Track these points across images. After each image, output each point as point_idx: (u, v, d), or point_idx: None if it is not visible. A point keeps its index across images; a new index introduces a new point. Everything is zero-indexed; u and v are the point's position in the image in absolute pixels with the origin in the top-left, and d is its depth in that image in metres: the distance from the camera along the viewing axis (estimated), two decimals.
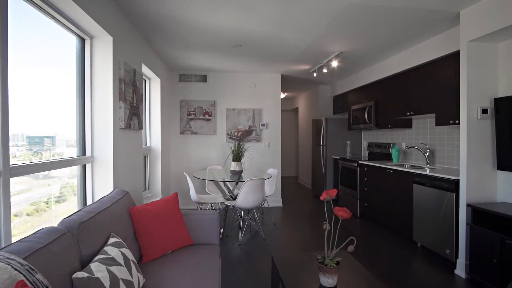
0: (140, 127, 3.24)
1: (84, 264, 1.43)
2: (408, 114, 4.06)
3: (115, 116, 2.57)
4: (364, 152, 6.01)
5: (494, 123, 2.76)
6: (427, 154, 3.99)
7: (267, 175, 4.15)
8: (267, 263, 3.03)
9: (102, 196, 2.20)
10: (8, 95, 1.46)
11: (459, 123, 3.04)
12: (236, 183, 4.17)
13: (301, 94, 8.27)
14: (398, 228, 3.87)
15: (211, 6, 2.71)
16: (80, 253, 1.45)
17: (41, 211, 1.97)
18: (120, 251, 1.55)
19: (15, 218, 1.69)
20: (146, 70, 3.86)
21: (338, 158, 5.64)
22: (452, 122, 3.26)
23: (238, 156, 4.18)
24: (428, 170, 3.48)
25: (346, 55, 4.26)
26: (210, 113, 5.48)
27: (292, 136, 9.70)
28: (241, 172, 4.19)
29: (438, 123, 3.50)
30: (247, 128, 5.58)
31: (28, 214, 1.85)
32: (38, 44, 1.96)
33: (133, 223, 2.10)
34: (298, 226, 4.36)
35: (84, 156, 2.40)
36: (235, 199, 3.98)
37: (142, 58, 3.47)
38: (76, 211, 1.65)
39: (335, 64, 4.39)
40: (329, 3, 2.64)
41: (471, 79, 2.77)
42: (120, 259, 1.49)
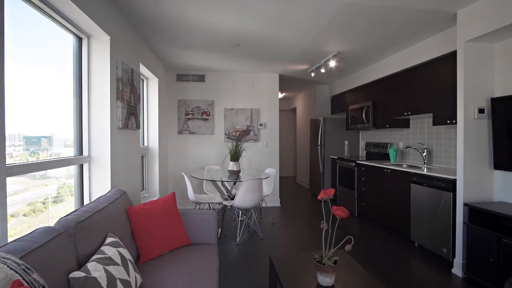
0: (137, 126, 3.23)
1: (81, 264, 1.43)
2: (405, 114, 4.07)
3: (113, 115, 2.57)
4: (362, 152, 6.02)
5: (490, 122, 2.78)
6: (425, 154, 4.01)
7: (265, 175, 4.16)
8: (265, 263, 3.04)
9: (99, 196, 2.19)
10: (4, 95, 1.45)
11: (456, 123, 3.06)
12: (234, 183, 4.17)
13: (299, 94, 8.28)
14: (396, 228, 3.88)
15: (209, 5, 2.71)
16: (77, 252, 1.44)
17: (38, 211, 1.96)
18: (117, 250, 1.54)
19: (12, 219, 1.68)
20: (143, 69, 3.85)
21: (336, 158, 5.65)
22: (449, 122, 3.27)
23: (236, 156, 4.17)
24: (425, 169, 3.50)
25: (344, 55, 4.27)
26: (208, 113, 5.47)
27: (290, 136, 9.70)
28: (239, 172, 4.18)
29: (435, 123, 3.52)
30: (245, 128, 5.58)
31: (25, 215, 1.84)
32: (35, 43, 1.95)
33: (130, 223, 2.09)
34: (296, 226, 4.37)
35: (81, 156, 2.39)
36: (233, 199, 3.98)
37: (139, 58, 3.46)
38: (73, 211, 1.65)
39: (333, 64, 4.40)
40: (327, 3, 2.64)
41: (468, 79, 2.78)
42: (118, 259, 1.49)
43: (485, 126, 2.81)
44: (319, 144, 6.14)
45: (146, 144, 4.40)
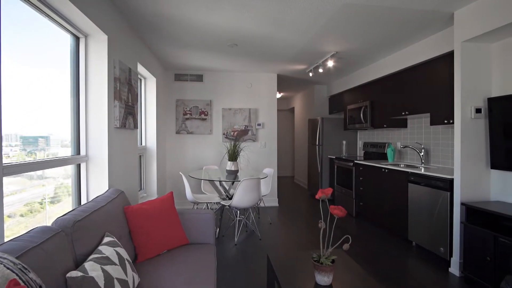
0: (135, 126, 3.22)
1: (78, 264, 1.42)
2: (403, 113, 4.08)
3: (110, 115, 2.56)
4: (360, 152, 6.03)
5: (487, 122, 2.79)
6: (422, 154, 4.02)
7: (263, 175, 4.16)
8: (263, 262, 3.04)
9: (96, 196, 2.18)
10: (1, 94, 1.44)
11: (453, 123, 3.07)
12: (232, 183, 4.17)
13: (297, 94, 8.29)
14: (393, 227, 3.90)
15: (208, 5, 2.70)
16: (74, 252, 1.44)
17: (35, 212, 1.95)
18: (115, 250, 1.54)
19: (8, 219, 1.67)
20: (141, 69, 3.84)
21: (334, 157, 5.66)
22: (446, 121, 3.29)
23: (234, 156, 4.17)
24: (423, 169, 3.51)
25: (342, 55, 4.28)
26: (206, 112, 5.47)
27: (288, 136, 9.71)
28: (237, 171, 4.18)
29: (432, 123, 3.53)
30: (243, 128, 5.58)
31: (21, 215, 1.83)
32: (32, 42, 1.94)
33: (128, 223, 2.08)
34: (294, 226, 4.37)
35: (78, 156, 2.38)
36: (231, 198, 3.98)
37: (137, 57, 3.45)
38: (70, 210, 1.64)
39: (331, 64, 4.40)
40: (325, 3, 2.65)
41: (465, 79, 2.80)
42: (115, 258, 1.48)
43: (482, 125, 2.82)
44: (317, 144, 6.15)
45: (144, 144, 4.39)
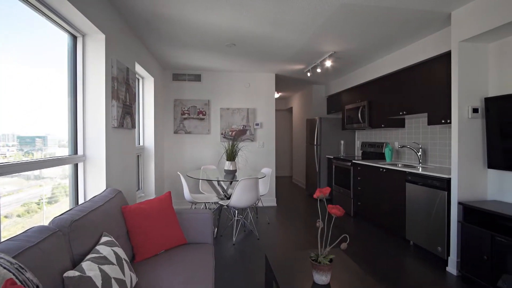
0: (133, 126, 3.21)
1: (75, 263, 1.42)
2: (401, 113, 4.09)
3: (108, 114, 2.55)
4: (358, 152, 6.05)
5: (484, 122, 2.80)
6: (420, 153, 4.04)
7: (261, 175, 4.16)
8: (261, 262, 3.04)
9: (94, 195, 2.17)
10: None
11: (450, 123, 3.08)
12: (230, 183, 4.16)
13: (295, 94, 8.29)
14: (391, 227, 3.91)
15: (206, 4, 2.70)
16: (71, 252, 1.43)
17: (32, 212, 1.94)
18: (112, 250, 1.54)
19: (5, 220, 1.66)
20: (139, 68, 3.83)
21: (332, 157, 5.67)
22: (443, 121, 3.30)
23: (232, 156, 4.17)
24: (420, 169, 3.52)
25: (340, 55, 4.29)
26: (204, 112, 5.46)
27: (286, 135, 9.71)
28: (235, 171, 4.18)
29: (430, 123, 3.54)
30: (241, 128, 5.58)
31: (18, 215, 1.82)
32: (29, 42, 1.93)
33: (125, 222, 2.08)
34: (292, 225, 4.38)
35: (76, 155, 2.37)
36: (229, 198, 3.97)
37: (135, 57, 3.44)
38: (67, 210, 1.63)
39: (329, 63, 4.41)
40: (323, 2, 2.65)
41: (462, 79, 2.81)
42: (113, 258, 1.48)
43: (479, 125, 2.84)
44: (315, 143, 6.16)
45: (141, 143, 4.38)
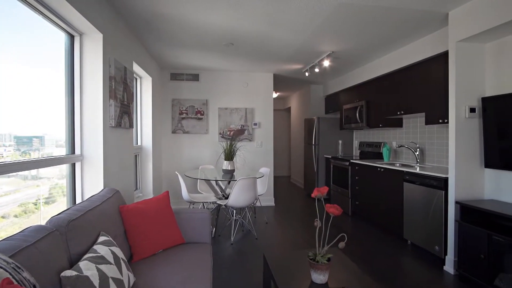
0: (131, 125, 3.20)
1: (73, 263, 1.41)
2: (398, 113, 4.11)
3: (105, 114, 2.54)
4: (356, 151, 6.06)
5: (481, 122, 2.82)
6: (417, 153, 4.05)
7: (259, 174, 4.16)
8: (259, 262, 3.04)
9: (91, 195, 2.16)
10: None
11: (448, 122, 3.09)
12: (228, 182, 4.16)
13: (293, 94, 8.30)
14: (389, 226, 3.92)
15: (205, 4, 2.70)
16: (68, 251, 1.42)
17: (29, 212, 1.93)
18: (110, 249, 1.53)
19: (2, 220, 1.66)
20: (137, 68, 3.82)
21: (330, 157, 5.68)
22: (441, 121, 3.31)
23: (230, 155, 4.17)
24: (418, 168, 3.53)
25: (338, 54, 4.29)
26: (202, 112, 5.45)
27: (285, 135, 9.72)
28: (233, 171, 4.18)
29: (427, 122, 3.56)
30: (240, 127, 5.58)
31: (16, 216, 1.81)
32: (25, 41, 1.92)
33: (123, 222, 2.07)
34: (290, 225, 4.38)
35: (73, 155, 2.36)
36: (227, 198, 3.97)
37: (133, 56, 3.43)
38: (64, 209, 1.63)
39: (327, 63, 4.42)
40: (321, 2, 2.65)
41: (459, 78, 2.82)
42: (110, 258, 1.47)
43: (476, 125, 2.85)
44: (313, 143, 6.17)
45: (139, 143, 4.37)
